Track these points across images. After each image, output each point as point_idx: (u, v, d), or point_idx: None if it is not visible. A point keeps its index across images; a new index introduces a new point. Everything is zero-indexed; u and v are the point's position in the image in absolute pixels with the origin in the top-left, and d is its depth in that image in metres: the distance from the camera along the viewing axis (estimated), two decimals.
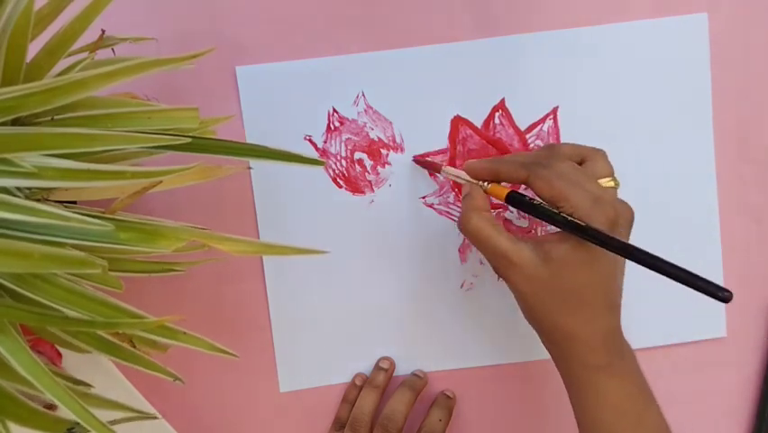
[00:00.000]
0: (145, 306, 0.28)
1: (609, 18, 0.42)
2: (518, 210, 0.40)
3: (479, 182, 0.36)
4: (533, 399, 0.45)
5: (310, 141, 0.43)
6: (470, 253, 0.44)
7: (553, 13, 0.42)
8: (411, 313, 0.44)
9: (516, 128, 0.43)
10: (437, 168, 0.41)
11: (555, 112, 0.43)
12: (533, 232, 0.44)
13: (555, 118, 0.43)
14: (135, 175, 0.25)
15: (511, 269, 0.33)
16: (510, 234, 0.33)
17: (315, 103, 0.43)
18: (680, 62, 0.43)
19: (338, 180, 0.43)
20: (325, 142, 0.43)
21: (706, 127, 0.43)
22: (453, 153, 0.43)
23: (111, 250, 0.28)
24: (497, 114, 0.43)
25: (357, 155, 0.43)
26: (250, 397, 0.45)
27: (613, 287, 0.33)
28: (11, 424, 0.26)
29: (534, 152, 0.37)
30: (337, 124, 0.43)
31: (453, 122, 0.43)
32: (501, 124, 0.43)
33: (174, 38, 0.41)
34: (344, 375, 0.45)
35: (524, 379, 0.45)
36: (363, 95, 0.43)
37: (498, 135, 0.43)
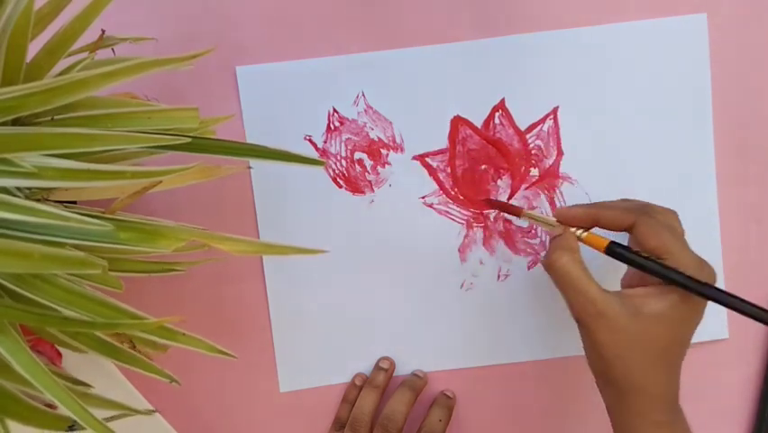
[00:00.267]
0: (145, 306, 0.28)
1: (609, 18, 0.42)
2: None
3: (572, 229, 0.35)
4: (533, 399, 0.45)
5: (310, 141, 0.43)
6: (470, 253, 0.44)
7: (553, 13, 0.42)
8: (411, 313, 0.44)
9: (516, 128, 0.43)
10: (518, 212, 0.39)
11: (555, 112, 0.43)
12: (533, 231, 0.44)
13: (555, 118, 0.43)
14: (135, 175, 0.25)
15: (597, 318, 0.32)
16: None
17: (315, 103, 0.43)
18: (680, 62, 0.43)
19: (338, 180, 0.43)
20: (325, 142, 0.43)
21: (706, 127, 0.43)
22: (453, 153, 0.43)
23: (111, 250, 0.28)
24: (497, 114, 0.43)
25: (357, 155, 0.43)
26: (250, 397, 0.45)
27: (689, 344, 0.33)
28: (11, 423, 0.26)
29: (631, 201, 0.36)
30: (337, 124, 0.43)
31: (453, 122, 0.43)
32: (501, 124, 0.43)
33: (174, 38, 0.41)
34: (344, 375, 0.45)
35: (524, 379, 0.45)
36: (363, 95, 0.43)
37: (498, 135, 0.43)
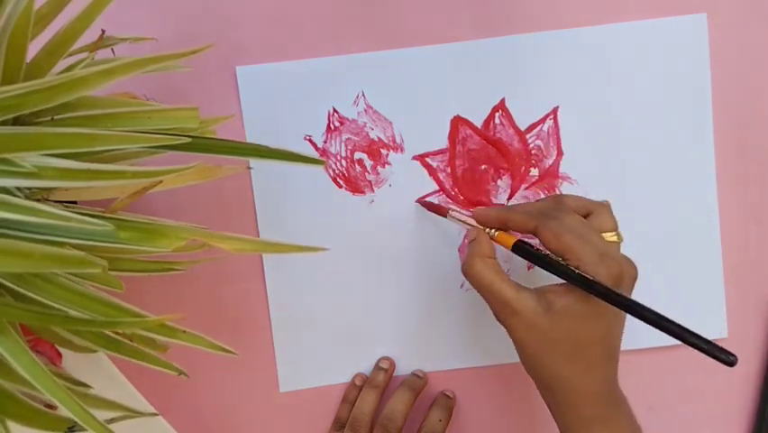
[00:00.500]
0: (145, 305, 0.28)
1: (609, 18, 0.42)
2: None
3: (486, 229, 0.36)
4: (533, 399, 0.45)
5: (310, 141, 0.43)
6: None
7: (553, 13, 0.42)
8: (411, 313, 0.44)
9: (516, 128, 0.43)
10: (443, 211, 0.41)
11: (555, 112, 0.43)
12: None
13: (555, 118, 0.43)
14: (135, 175, 0.25)
15: (512, 317, 0.33)
16: (514, 283, 0.33)
17: (315, 103, 0.43)
18: (680, 62, 0.43)
19: (338, 180, 0.43)
20: (325, 142, 0.43)
21: (706, 127, 0.43)
22: (453, 153, 0.43)
23: (111, 249, 0.28)
24: (497, 114, 0.43)
25: (357, 155, 0.43)
26: (250, 397, 0.45)
27: (614, 340, 0.34)
28: (11, 423, 0.26)
29: (541, 203, 0.37)
30: (337, 124, 0.43)
31: (453, 122, 0.43)
32: (501, 124, 0.43)
33: (174, 38, 0.42)
34: (344, 375, 0.45)
35: (524, 379, 0.45)
36: (363, 95, 0.43)
37: (498, 135, 0.43)
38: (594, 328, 0.32)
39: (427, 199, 0.43)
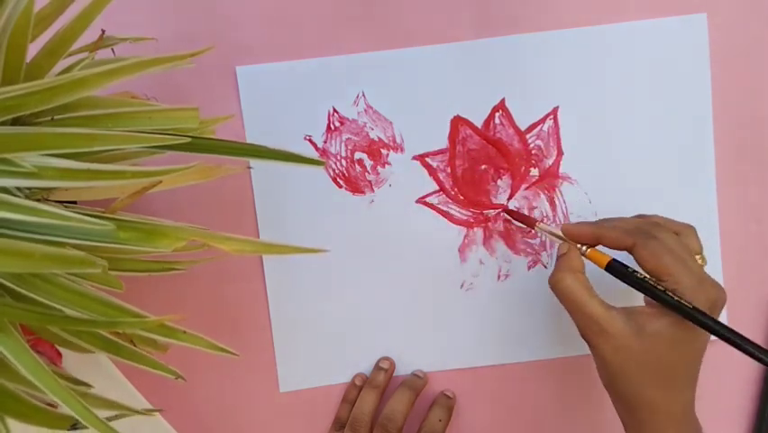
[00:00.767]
0: (145, 306, 0.28)
1: (609, 18, 0.42)
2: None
3: (577, 245, 0.36)
4: (533, 399, 0.45)
5: (310, 141, 0.43)
6: (470, 253, 0.44)
7: (553, 13, 0.42)
8: (411, 313, 0.44)
9: (516, 128, 0.43)
10: (531, 222, 0.41)
11: (555, 112, 0.43)
12: (533, 232, 0.44)
13: (555, 118, 0.43)
14: (135, 175, 0.25)
15: (600, 336, 0.33)
16: (603, 300, 0.33)
17: (315, 103, 0.43)
18: (680, 62, 0.43)
19: (338, 180, 0.43)
20: (325, 142, 0.43)
21: (706, 127, 0.43)
22: (453, 153, 0.43)
23: (111, 249, 0.28)
24: (497, 114, 0.43)
25: (357, 155, 0.43)
26: (250, 397, 0.45)
27: (698, 364, 0.34)
28: (12, 422, 0.26)
29: (635, 220, 0.37)
30: (337, 124, 0.43)
31: (453, 122, 0.43)
32: (501, 124, 0.43)
33: (174, 38, 0.42)
34: (344, 375, 0.45)
35: (524, 379, 0.45)
36: (363, 95, 0.43)
37: (498, 135, 0.43)
38: (683, 352, 0.33)
39: (426, 199, 0.43)
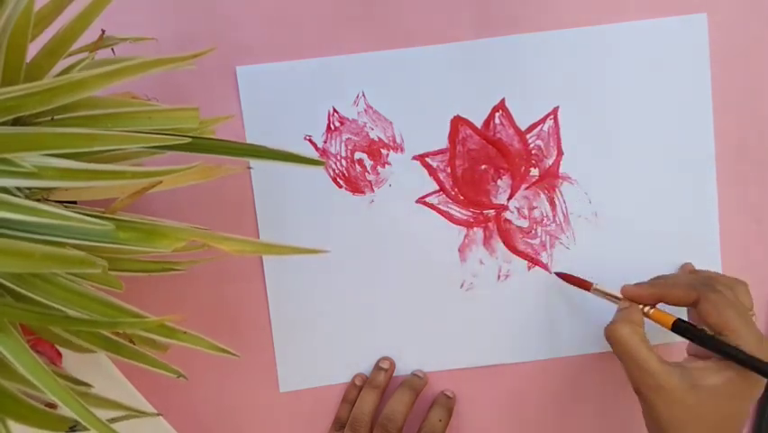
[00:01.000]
0: (145, 306, 0.28)
1: (609, 18, 0.42)
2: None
3: (638, 306, 0.37)
4: (533, 399, 0.45)
5: (310, 141, 0.43)
6: (470, 253, 0.44)
7: (553, 13, 0.42)
8: (411, 313, 0.44)
9: (516, 128, 0.43)
10: (587, 286, 0.40)
11: (555, 112, 0.43)
12: (533, 232, 0.44)
13: (555, 118, 0.43)
14: (135, 175, 0.25)
15: (655, 391, 0.33)
16: (659, 355, 0.34)
17: (315, 103, 0.43)
18: (680, 62, 0.43)
19: (338, 180, 0.43)
20: (325, 142, 0.43)
21: (706, 127, 0.43)
22: (453, 153, 0.43)
23: (111, 250, 0.28)
24: (497, 114, 0.43)
25: (357, 155, 0.43)
26: (250, 397, 0.45)
27: (747, 415, 0.35)
28: (12, 423, 0.26)
29: (690, 275, 0.38)
30: (337, 124, 0.43)
31: (453, 122, 0.43)
32: (501, 124, 0.43)
33: (174, 38, 0.42)
34: (344, 375, 0.45)
35: (524, 379, 0.45)
36: (363, 95, 0.43)
37: (498, 135, 0.43)
38: (737, 405, 0.34)
39: (426, 199, 0.43)
